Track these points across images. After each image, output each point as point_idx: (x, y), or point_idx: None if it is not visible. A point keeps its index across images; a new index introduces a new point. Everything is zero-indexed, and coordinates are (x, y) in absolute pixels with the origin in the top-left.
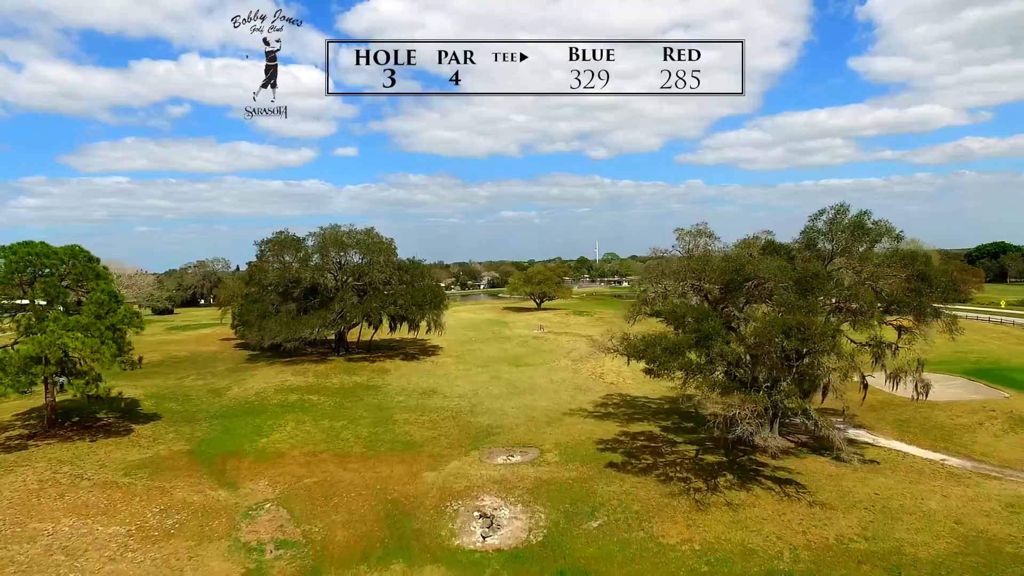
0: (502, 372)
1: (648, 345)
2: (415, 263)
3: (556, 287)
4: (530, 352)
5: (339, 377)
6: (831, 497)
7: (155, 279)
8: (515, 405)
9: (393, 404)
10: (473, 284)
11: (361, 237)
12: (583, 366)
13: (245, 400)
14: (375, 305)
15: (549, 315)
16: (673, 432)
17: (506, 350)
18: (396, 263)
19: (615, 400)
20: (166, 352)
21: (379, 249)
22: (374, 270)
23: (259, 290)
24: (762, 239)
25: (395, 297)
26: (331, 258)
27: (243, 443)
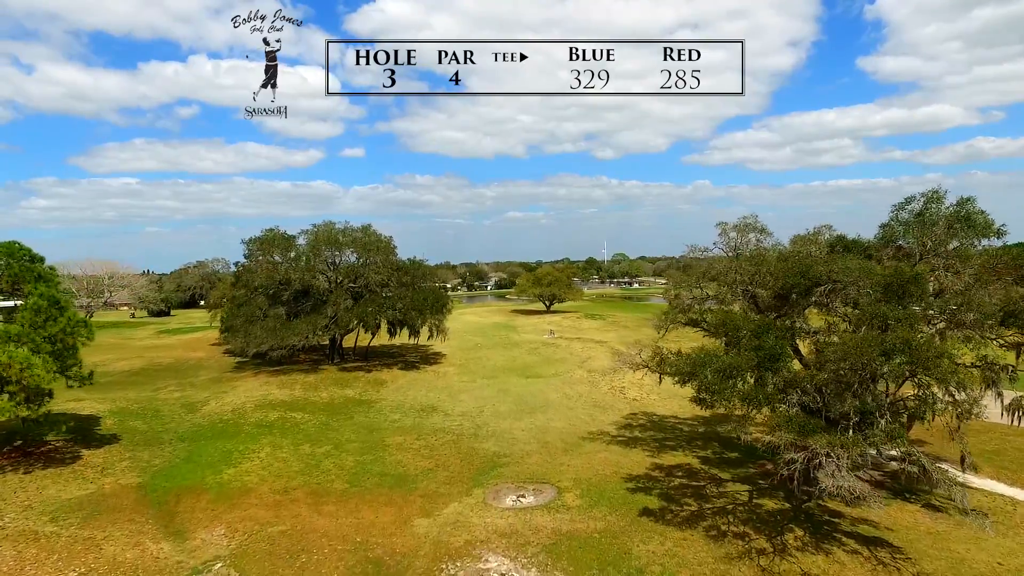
0: (510, 385)
1: (695, 366)
2: (416, 263)
3: (566, 289)
4: (541, 361)
5: (329, 390)
6: (941, 567)
7: (149, 280)
8: (526, 426)
9: (386, 424)
10: (480, 285)
11: (357, 235)
12: (601, 378)
13: (220, 418)
14: (371, 309)
15: (559, 318)
16: (716, 465)
17: (514, 358)
18: (395, 263)
19: (640, 421)
20: (150, 358)
21: (376, 248)
22: (370, 271)
23: (246, 293)
24: (824, 234)
25: (393, 301)
26: (324, 258)
27: (206, 474)
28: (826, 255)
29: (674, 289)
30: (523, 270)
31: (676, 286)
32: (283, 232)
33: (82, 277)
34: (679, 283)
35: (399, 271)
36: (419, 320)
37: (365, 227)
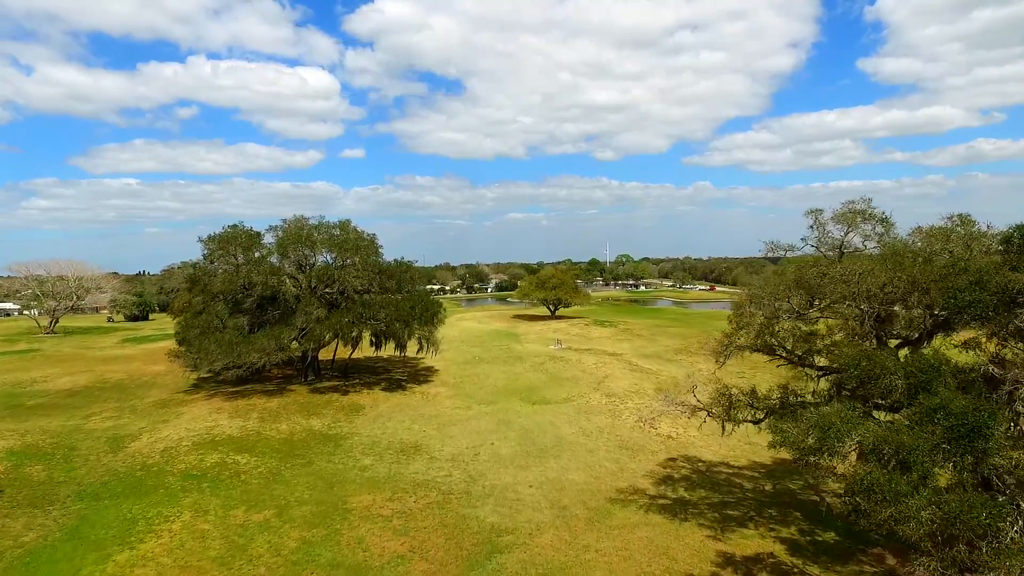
0: (513, 414)
1: (825, 434)
2: (403, 265)
3: (572, 293)
4: (549, 380)
5: (291, 420)
6: None
7: (121, 282)
8: (534, 479)
9: (353, 474)
10: (480, 287)
11: (334, 232)
12: (623, 404)
13: (144, 462)
14: (347, 320)
15: (565, 325)
16: (812, 558)
17: (517, 376)
18: (377, 265)
19: (683, 470)
20: (99, 373)
21: (355, 247)
22: (347, 274)
23: (203, 299)
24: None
25: (374, 309)
26: (294, 259)
27: (84, 564)
28: (1000, 256)
29: (751, 300)
30: (524, 271)
31: (754, 298)
32: (248, 228)
33: (47, 279)
34: (759, 295)
35: (382, 274)
36: (405, 332)
37: (343, 223)
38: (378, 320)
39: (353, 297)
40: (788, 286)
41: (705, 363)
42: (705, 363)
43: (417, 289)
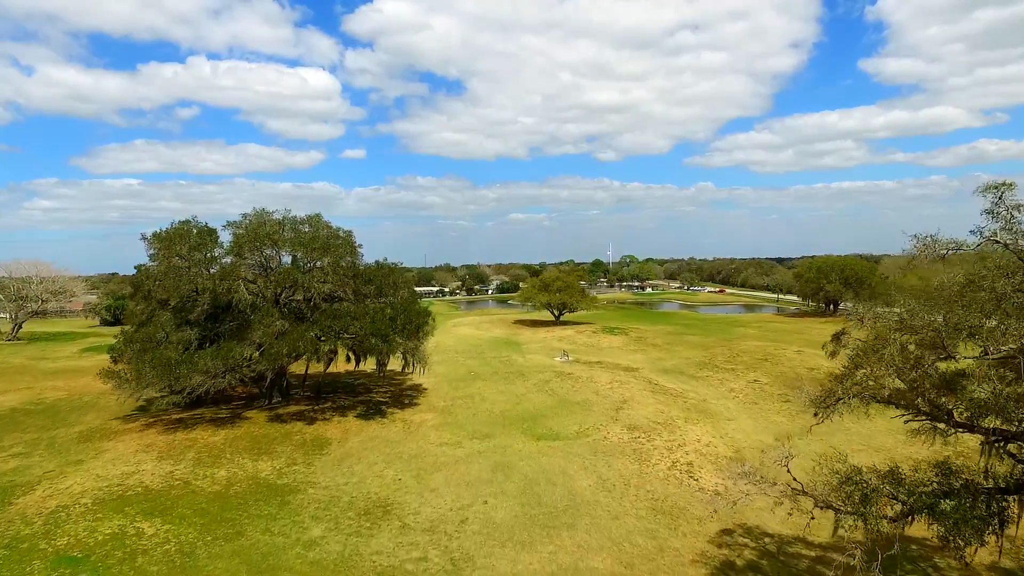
0: (513, 454)
1: None
2: (385, 268)
3: (579, 297)
4: (556, 405)
5: (235, 463)
6: None
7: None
8: (540, 567)
9: (291, 557)
10: (480, 289)
11: (300, 228)
12: (651, 442)
13: (17, 533)
14: (310, 335)
15: (571, 332)
16: None
17: (519, 399)
18: (352, 268)
19: (747, 550)
20: (37, 392)
21: (324, 247)
22: (312, 279)
23: (147, 308)
24: None
25: (345, 321)
26: (252, 260)
27: None
28: None
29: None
30: (526, 272)
31: (910, 319)
32: (202, 225)
33: (6, 281)
34: (916, 315)
35: (357, 278)
36: (383, 348)
37: (312, 217)
38: (349, 334)
39: (320, 306)
40: (982, 305)
41: (736, 382)
42: (736, 382)
43: (402, 295)
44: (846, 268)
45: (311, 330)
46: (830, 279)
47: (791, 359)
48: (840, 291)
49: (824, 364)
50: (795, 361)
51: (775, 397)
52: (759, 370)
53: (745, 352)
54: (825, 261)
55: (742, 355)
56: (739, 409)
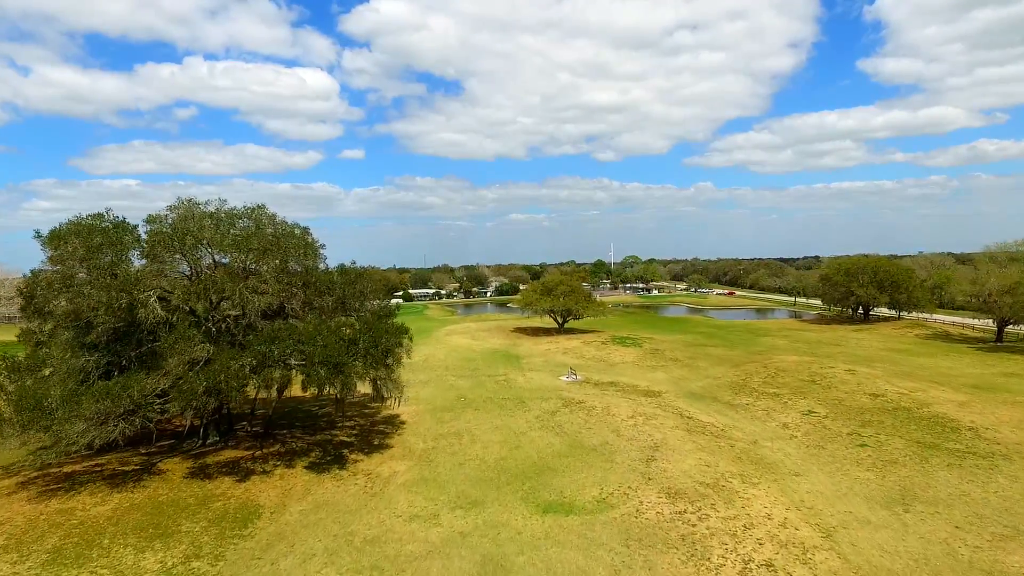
0: (509, 541)
1: None
2: (349, 273)
3: (585, 303)
4: (567, 449)
5: (109, 557)
6: None
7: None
8: None
9: None
10: (479, 291)
11: (237, 223)
12: (703, 521)
13: None
14: (236, 366)
15: (578, 343)
16: None
17: (518, 440)
18: (304, 274)
19: None
20: None
21: (264, 247)
22: (244, 289)
23: (40, 326)
24: None
25: (286, 345)
26: (170, 265)
27: None
28: None
29: None
30: (526, 273)
31: None
32: (118, 220)
33: None
34: None
35: (309, 287)
36: (336, 380)
37: (254, 209)
38: (290, 365)
39: (257, 325)
40: None
41: (786, 413)
42: (786, 413)
43: (371, 308)
44: (879, 270)
45: (241, 358)
46: (860, 282)
47: (844, 381)
48: (874, 296)
49: (890, 389)
50: (850, 384)
51: (845, 438)
52: (809, 396)
53: (784, 371)
54: (855, 262)
55: (781, 374)
56: (804, 457)
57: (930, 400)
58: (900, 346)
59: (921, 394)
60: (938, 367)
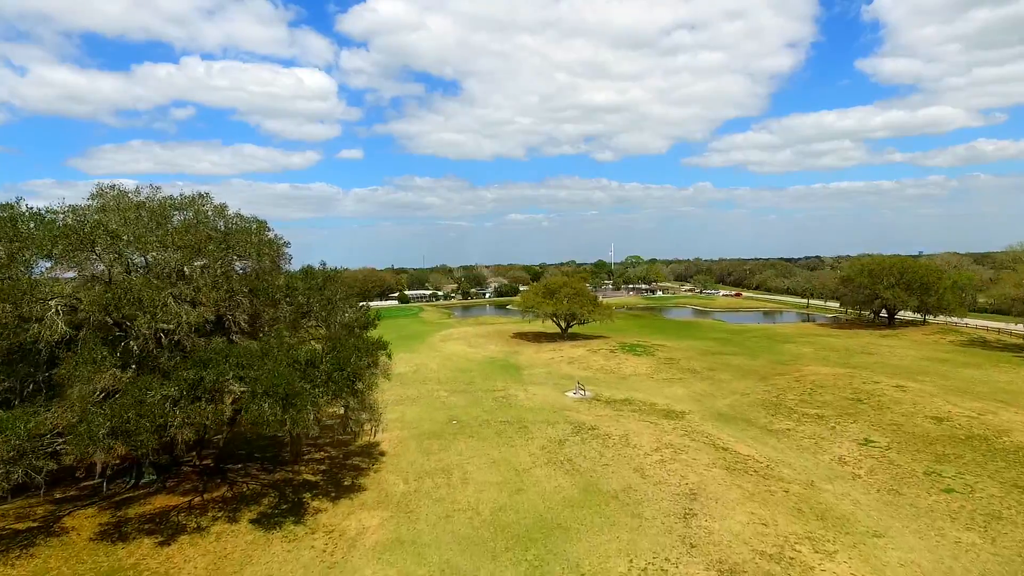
0: None
1: None
2: (316, 276)
3: (591, 306)
4: (580, 497)
5: None
6: None
7: None
8: None
9: None
10: (478, 292)
11: (170, 214)
12: None
13: None
14: (154, 398)
15: (583, 351)
16: None
17: (520, 482)
18: (255, 279)
19: None
20: None
21: (197, 246)
22: (165, 298)
23: None
24: None
25: (222, 371)
26: (85, 268)
27: None
28: None
29: None
30: (526, 274)
31: None
32: (31, 210)
33: None
34: None
35: (259, 295)
36: (284, 418)
37: (195, 198)
38: (227, 395)
39: (186, 344)
40: None
41: (839, 442)
42: (839, 442)
43: (340, 321)
44: (905, 270)
45: (162, 388)
46: (886, 283)
47: (896, 400)
48: (902, 298)
49: (953, 411)
50: (904, 404)
51: (922, 480)
52: (860, 419)
53: (821, 386)
54: (878, 263)
55: (819, 391)
56: (879, 507)
57: (1006, 425)
58: (938, 355)
59: (992, 417)
60: (995, 381)
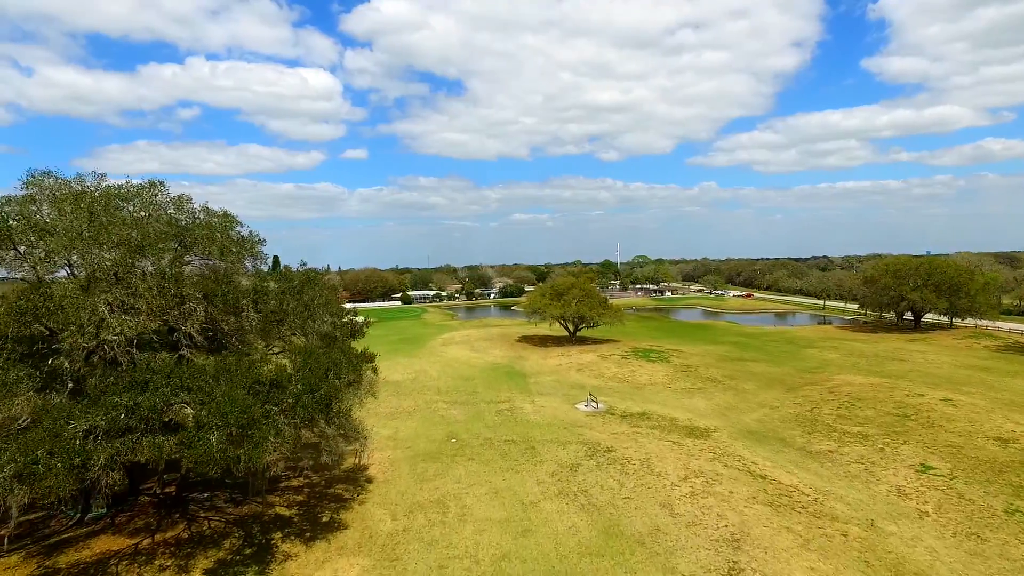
0: None
1: None
2: (291, 278)
3: (601, 309)
4: (600, 543)
5: None
6: None
7: None
8: None
9: None
10: (482, 293)
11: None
12: None
13: None
14: (73, 431)
15: (593, 356)
16: None
17: (528, 524)
18: (214, 282)
19: None
20: None
21: (141, 241)
22: (96, 305)
23: None
24: None
25: (161, 397)
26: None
27: None
28: None
29: None
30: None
31: None
32: None
33: None
34: None
35: (218, 301)
36: (240, 452)
37: (146, 187)
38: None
39: (121, 361)
40: None
41: (893, 468)
42: (893, 468)
43: (317, 331)
44: (934, 271)
45: (87, 417)
46: (913, 284)
47: (948, 417)
48: (931, 301)
49: (1017, 430)
50: (958, 422)
51: (1004, 519)
52: (911, 439)
53: (858, 398)
54: (904, 263)
55: (857, 404)
56: (963, 559)
57: None
58: (977, 362)
59: None
60: None
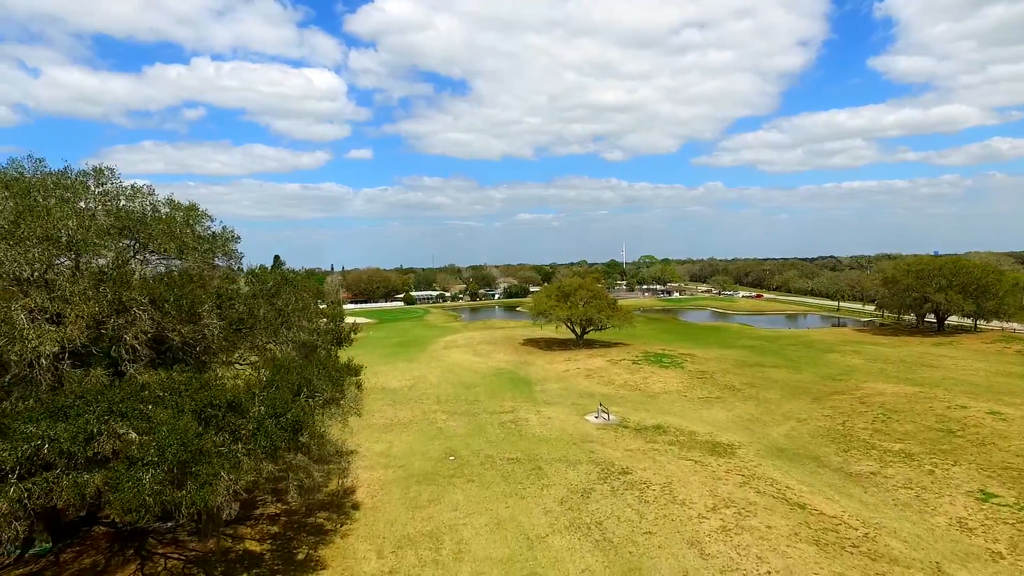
0: None
1: None
2: (268, 278)
3: (610, 311)
4: None
5: None
6: None
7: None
8: None
9: None
10: (486, 294)
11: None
12: None
13: None
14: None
15: (602, 361)
16: None
17: (534, 567)
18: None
19: None
20: None
21: (72, 239)
22: (11, 311)
23: None
24: None
25: (95, 419)
26: None
27: None
28: None
29: None
30: (536, 274)
31: None
32: None
33: None
34: None
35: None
36: (180, 494)
37: (89, 174)
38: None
39: (41, 381)
40: None
41: (949, 496)
42: (949, 496)
43: (293, 339)
44: (959, 271)
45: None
46: (936, 285)
47: (999, 433)
48: (957, 302)
49: None
50: (1013, 439)
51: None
52: (962, 459)
53: (894, 410)
54: (926, 263)
55: (893, 416)
56: None
57: None
58: (1014, 368)
59: None
60: None
